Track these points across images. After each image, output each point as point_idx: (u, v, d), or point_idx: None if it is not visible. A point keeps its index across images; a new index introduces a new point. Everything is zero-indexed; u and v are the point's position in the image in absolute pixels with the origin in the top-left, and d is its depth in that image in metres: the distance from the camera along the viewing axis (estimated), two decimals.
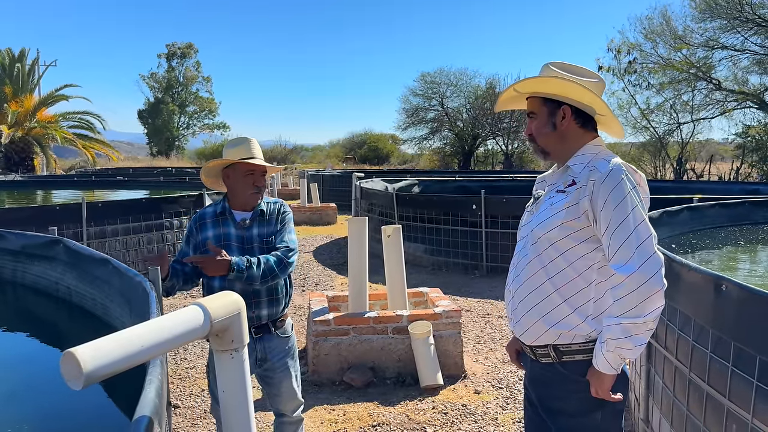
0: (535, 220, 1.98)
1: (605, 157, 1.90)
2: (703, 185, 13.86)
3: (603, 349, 1.81)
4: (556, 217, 1.90)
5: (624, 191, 1.80)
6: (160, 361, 1.48)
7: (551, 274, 1.92)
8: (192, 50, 51.86)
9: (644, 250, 1.75)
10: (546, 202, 1.99)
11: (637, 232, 1.77)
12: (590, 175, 1.87)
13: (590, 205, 1.85)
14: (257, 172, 2.76)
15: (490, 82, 34.62)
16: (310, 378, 4.58)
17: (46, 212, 7.49)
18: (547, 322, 1.92)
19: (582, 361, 1.91)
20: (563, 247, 1.90)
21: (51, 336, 3.54)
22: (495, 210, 8.47)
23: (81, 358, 1.02)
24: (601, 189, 1.82)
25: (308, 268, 9.18)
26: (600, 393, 1.85)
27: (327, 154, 47.66)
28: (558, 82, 1.92)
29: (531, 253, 1.97)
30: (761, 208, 6.05)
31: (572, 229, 1.88)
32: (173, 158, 46.25)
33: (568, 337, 1.91)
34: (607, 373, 1.82)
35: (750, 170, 22.24)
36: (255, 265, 2.58)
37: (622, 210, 1.78)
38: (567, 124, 1.97)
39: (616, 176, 1.82)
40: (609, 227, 1.80)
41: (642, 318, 1.73)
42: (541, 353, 1.98)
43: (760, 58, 20.90)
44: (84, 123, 29.56)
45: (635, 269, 1.73)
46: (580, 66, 2.01)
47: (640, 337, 1.76)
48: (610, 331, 1.78)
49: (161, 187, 13.54)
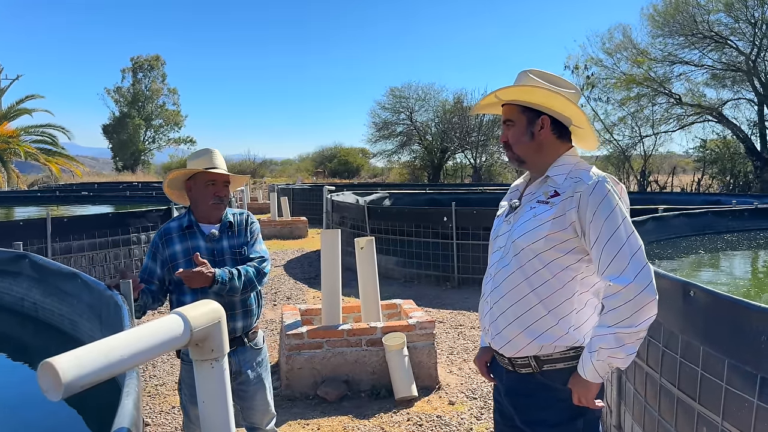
0: (517, 230, 1.96)
1: (586, 168, 1.91)
2: (666, 196, 14.21)
3: (593, 359, 1.80)
4: (542, 228, 1.89)
5: (612, 203, 1.81)
6: (136, 373, 1.45)
7: (535, 285, 1.90)
8: (159, 62, 51.34)
9: (638, 260, 1.76)
10: (528, 213, 1.96)
11: (629, 243, 1.78)
12: (576, 186, 1.86)
13: (577, 216, 1.84)
14: (219, 182, 2.73)
15: (457, 97, 35.02)
16: (284, 392, 4.53)
17: (9, 228, 7.27)
18: (531, 333, 1.91)
19: (563, 369, 1.90)
20: (547, 258, 1.88)
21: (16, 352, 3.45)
22: (465, 222, 8.54)
23: (60, 368, 1.00)
24: (589, 201, 1.82)
25: (280, 282, 9.10)
26: (584, 401, 1.85)
27: (297, 167, 47.47)
28: (543, 93, 1.91)
29: (513, 264, 1.94)
30: (723, 218, 6.23)
31: (557, 241, 1.87)
32: (139, 173, 45.49)
33: (549, 348, 1.90)
34: (594, 381, 1.82)
35: (711, 182, 22.91)
36: (236, 277, 2.57)
37: (612, 222, 1.79)
38: (545, 134, 1.97)
39: (603, 188, 1.82)
40: (599, 239, 1.80)
41: (635, 327, 1.74)
42: (520, 363, 1.96)
43: (717, 72, 21.61)
44: (47, 137, 28.96)
45: (631, 279, 1.74)
46: (558, 76, 2.00)
47: (631, 346, 1.76)
48: (603, 341, 1.77)
49: (127, 202, 13.30)
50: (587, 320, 1.92)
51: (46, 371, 1.01)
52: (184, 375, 2.75)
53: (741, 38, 20.33)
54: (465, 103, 33.74)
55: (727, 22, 20.25)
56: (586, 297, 1.91)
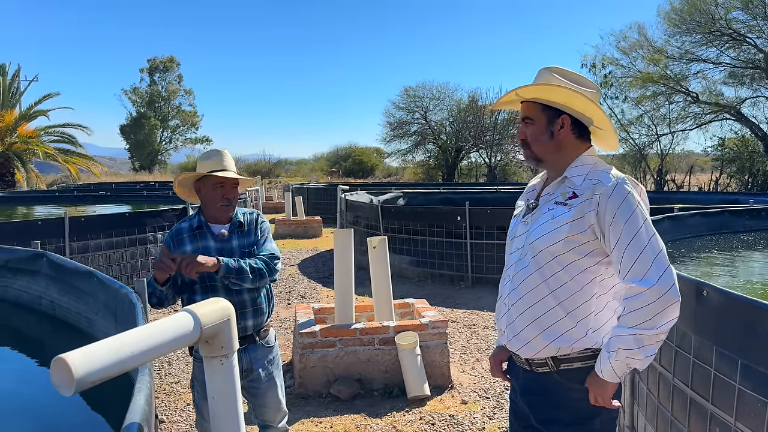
0: (535, 232, 1.94)
1: (604, 169, 1.89)
2: (684, 195, 14.07)
3: (611, 359, 1.78)
4: (560, 230, 1.87)
5: (633, 205, 1.78)
6: (149, 369, 1.47)
7: (553, 287, 1.89)
8: (174, 64, 51.80)
9: (660, 262, 1.74)
10: (546, 215, 1.94)
11: (651, 245, 1.76)
12: (594, 188, 1.84)
13: (596, 219, 1.82)
14: (227, 185, 2.75)
15: (472, 96, 34.88)
16: (297, 391, 4.55)
17: (28, 227, 7.39)
18: (549, 336, 1.90)
19: (580, 368, 1.90)
20: (566, 261, 1.87)
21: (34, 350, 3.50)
22: (479, 221, 8.52)
23: (72, 364, 1.02)
24: (608, 203, 1.80)
25: (294, 281, 9.14)
26: (600, 401, 1.84)
27: (312, 167, 47.66)
28: (564, 92, 1.89)
29: (531, 266, 1.93)
30: (740, 217, 6.16)
31: (576, 243, 1.85)
32: (156, 173, 45.95)
33: (567, 350, 1.90)
34: (611, 381, 1.81)
35: (729, 180, 22.63)
36: (244, 262, 2.61)
37: (633, 224, 1.77)
38: (565, 133, 1.94)
39: (622, 190, 1.80)
40: (620, 241, 1.78)
41: (656, 329, 1.72)
42: (537, 363, 1.96)
43: (735, 71, 21.34)
44: (66, 137, 29.27)
45: (655, 282, 1.72)
46: (579, 74, 1.98)
47: (651, 348, 1.75)
48: (621, 342, 1.76)
49: (144, 202, 13.45)
50: (606, 322, 1.91)
51: (58, 367, 1.04)
52: (197, 372, 2.78)
53: (759, 35, 20.07)
54: (480, 102, 33.62)
55: (745, 20, 20.01)
56: (605, 299, 1.90)
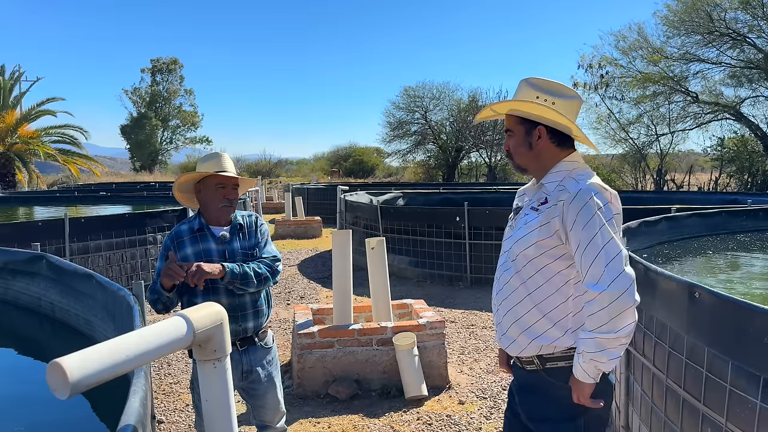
0: (514, 236, 2.05)
1: (576, 177, 1.95)
2: (683, 195, 14.07)
3: (579, 360, 1.87)
4: (531, 235, 1.96)
5: (591, 211, 1.85)
6: (144, 372, 1.50)
7: (530, 289, 1.98)
8: (177, 65, 51.82)
9: (613, 268, 1.80)
10: (522, 219, 2.05)
11: (606, 250, 1.82)
12: (560, 195, 1.93)
13: (561, 224, 1.90)
14: (228, 186, 2.78)
15: (472, 96, 34.86)
16: (295, 391, 4.58)
17: (28, 228, 7.41)
18: (529, 335, 1.98)
19: (565, 367, 1.96)
20: (540, 264, 1.95)
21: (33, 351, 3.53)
22: (478, 222, 8.54)
23: (67, 368, 1.05)
24: (570, 209, 1.88)
25: (293, 281, 9.17)
26: (581, 399, 1.90)
27: (312, 167, 47.68)
28: (533, 107, 1.97)
29: (512, 268, 2.03)
30: (737, 218, 6.18)
31: (547, 247, 1.94)
32: (156, 173, 45.96)
33: (549, 348, 1.97)
34: (585, 381, 1.87)
35: (728, 180, 22.63)
36: (248, 267, 2.64)
37: (590, 229, 1.84)
38: (543, 143, 2.02)
39: (583, 196, 1.87)
40: (579, 246, 1.86)
41: (614, 333, 1.79)
42: (526, 361, 2.05)
43: (735, 71, 21.34)
44: (66, 137, 29.33)
45: (606, 287, 1.78)
46: (558, 83, 2.04)
47: (614, 351, 1.81)
48: (584, 345, 1.84)
49: (144, 202, 13.47)
50: (583, 324, 1.95)
51: (54, 371, 1.06)
52: (194, 375, 2.80)
53: (759, 35, 20.07)
54: (480, 102, 33.60)
55: (745, 20, 20.00)
56: (582, 300, 1.94)
